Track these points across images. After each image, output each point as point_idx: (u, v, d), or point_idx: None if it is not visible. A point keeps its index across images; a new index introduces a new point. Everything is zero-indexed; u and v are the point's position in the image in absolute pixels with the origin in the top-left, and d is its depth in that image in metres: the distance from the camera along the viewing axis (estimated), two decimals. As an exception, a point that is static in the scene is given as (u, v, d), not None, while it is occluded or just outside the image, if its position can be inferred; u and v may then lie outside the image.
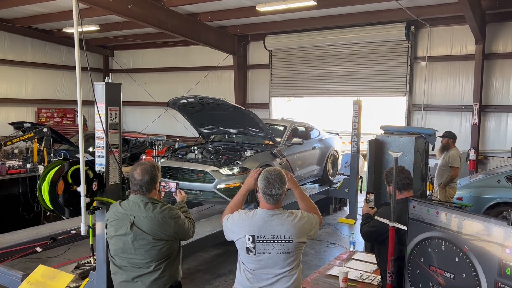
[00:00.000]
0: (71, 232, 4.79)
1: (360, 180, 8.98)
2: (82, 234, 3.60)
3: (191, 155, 7.10)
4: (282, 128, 8.09)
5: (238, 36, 13.92)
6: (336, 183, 9.13)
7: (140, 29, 13.41)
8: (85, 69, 3.48)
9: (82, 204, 3.40)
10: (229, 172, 6.42)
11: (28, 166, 8.01)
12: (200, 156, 7.02)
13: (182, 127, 13.99)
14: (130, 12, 10.20)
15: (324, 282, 3.95)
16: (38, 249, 4.71)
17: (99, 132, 3.56)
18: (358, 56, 12.32)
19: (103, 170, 3.57)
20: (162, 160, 7.25)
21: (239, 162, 6.59)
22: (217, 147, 7.47)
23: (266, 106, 14.19)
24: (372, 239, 3.91)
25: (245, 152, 7.04)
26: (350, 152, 8.92)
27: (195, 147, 7.53)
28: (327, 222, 8.51)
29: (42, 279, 3.84)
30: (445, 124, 10.63)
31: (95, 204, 3.57)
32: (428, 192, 6.94)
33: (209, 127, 7.86)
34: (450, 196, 6.98)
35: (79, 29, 3.38)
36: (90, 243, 3.98)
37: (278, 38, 13.35)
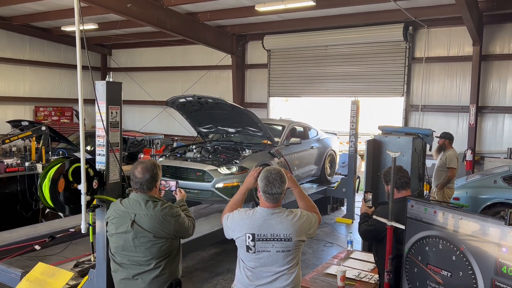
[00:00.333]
0: (70, 230, 4.81)
1: (358, 180, 9.02)
2: (83, 232, 3.62)
3: (189, 154, 7.11)
4: (280, 127, 8.11)
5: (236, 35, 13.93)
6: (334, 183, 9.18)
7: (138, 28, 13.40)
8: (84, 68, 3.49)
9: (83, 202, 3.41)
10: (227, 171, 6.44)
11: (27, 164, 7.99)
12: (198, 155, 7.03)
13: (180, 126, 14.00)
14: (129, 11, 10.20)
15: (322, 280, 3.99)
16: (37, 247, 4.70)
17: (100, 131, 3.58)
18: (356, 56, 12.36)
19: (104, 168, 3.58)
20: (161, 159, 7.25)
21: (237, 161, 6.60)
22: (215, 146, 7.49)
23: (264, 105, 14.21)
24: (370, 238, 3.95)
25: (243, 152, 7.06)
26: (347, 152, 8.97)
27: (194, 146, 7.55)
28: (324, 221, 8.55)
29: (41, 276, 3.85)
30: (442, 125, 10.68)
31: (95, 202, 3.58)
32: (425, 192, 6.99)
33: (207, 126, 7.87)
34: (448, 197, 7.00)
35: (80, 27, 3.39)
36: (90, 240, 3.99)
37: (276, 38, 13.36)
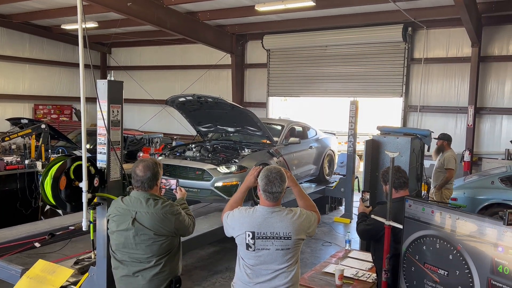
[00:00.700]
0: (69, 227, 4.82)
1: (356, 179, 9.06)
2: (84, 229, 3.64)
3: (189, 153, 7.12)
4: (279, 127, 8.13)
5: (236, 35, 13.96)
6: (332, 183, 9.22)
7: (138, 26, 13.40)
8: (86, 66, 3.52)
9: (84, 200, 3.44)
10: (226, 171, 6.46)
11: (26, 162, 8.00)
12: (198, 154, 7.04)
13: (179, 125, 14.01)
14: (129, 9, 10.22)
15: (320, 279, 4.02)
16: (37, 244, 4.70)
17: (101, 129, 3.60)
18: (355, 57, 12.39)
19: (105, 166, 3.61)
20: (160, 157, 7.27)
21: (236, 160, 6.62)
22: (214, 146, 7.51)
23: (264, 105, 14.25)
24: (368, 237, 3.98)
25: (242, 151, 7.08)
26: (346, 152, 9.01)
27: (193, 145, 7.57)
28: (322, 221, 8.58)
29: (41, 273, 3.88)
30: (440, 125, 10.75)
31: (96, 199, 3.61)
32: (423, 192, 7.02)
33: (207, 125, 7.89)
34: (446, 197, 7.02)
35: (82, 25, 3.41)
36: (91, 238, 4.02)
37: (276, 37, 13.39)
